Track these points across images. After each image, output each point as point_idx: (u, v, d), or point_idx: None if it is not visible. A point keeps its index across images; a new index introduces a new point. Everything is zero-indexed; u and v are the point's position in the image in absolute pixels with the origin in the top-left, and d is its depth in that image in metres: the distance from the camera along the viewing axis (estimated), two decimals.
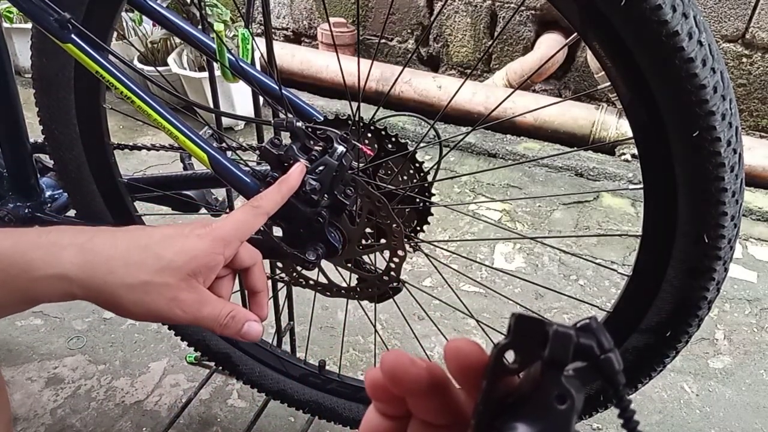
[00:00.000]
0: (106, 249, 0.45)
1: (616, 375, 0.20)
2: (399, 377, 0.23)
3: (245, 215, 0.52)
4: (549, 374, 0.20)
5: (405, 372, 0.23)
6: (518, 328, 0.20)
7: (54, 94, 0.75)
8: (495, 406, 0.21)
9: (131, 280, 0.44)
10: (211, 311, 0.48)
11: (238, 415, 1.13)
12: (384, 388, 0.24)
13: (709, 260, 0.57)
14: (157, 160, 2.01)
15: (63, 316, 1.35)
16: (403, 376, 0.23)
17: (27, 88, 0.80)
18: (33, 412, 1.12)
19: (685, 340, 0.63)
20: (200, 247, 0.48)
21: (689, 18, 0.48)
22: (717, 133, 0.50)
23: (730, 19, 2.07)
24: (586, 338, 0.20)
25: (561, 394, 0.19)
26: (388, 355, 0.23)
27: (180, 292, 0.46)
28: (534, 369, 0.20)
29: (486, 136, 2.20)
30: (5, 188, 0.89)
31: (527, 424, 0.20)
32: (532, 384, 0.20)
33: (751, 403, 1.21)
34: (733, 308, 1.47)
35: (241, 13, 2.50)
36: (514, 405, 0.21)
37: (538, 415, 0.20)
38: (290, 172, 0.59)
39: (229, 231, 0.50)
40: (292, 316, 1.15)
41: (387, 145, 0.69)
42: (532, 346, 0.20)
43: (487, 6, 2.42)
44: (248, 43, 0.82)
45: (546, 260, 1.61)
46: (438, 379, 0.23)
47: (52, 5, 0.62)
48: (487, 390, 0.21)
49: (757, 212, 1.85)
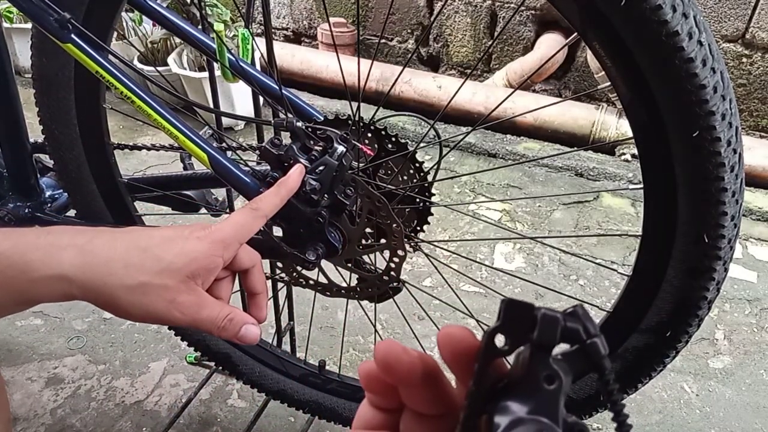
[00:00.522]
0: (106, 250, 0.45)
1: (602, 359, 0.20)
2: (392, 365, 0.23)
3: (244, 218, 0.52)
4: (538, 356, 0.20)
5: (398, 360, 0.23)
6: (508, 313, 0.21)
7: (54, 94, 0.75)
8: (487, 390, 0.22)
9: (130, 282, 0.44)
10: (209, 314, 0.48)
11: (238, 415, 1.13)
12: (377, 378, 0.24)
13: (709, 260, 0.57)
14: (157, 160, 2.01)
15: (63, 316, 1.35)
16: (395, 364, 0.23)
17: (27, 88, 0.80)
18: (33, 412, 1.12)
19: (685, 340, 0.63)
20: (199, 249, 0.48)
21: (689, 18, 0.48)
22: (717, 133, 0.50)
23: (730, 19, 2.07)
24: (573, 323, 0.20)
25: (549, 375, 0.20)
26: (381, 344, 0.24)
27: (179, 294, 0.46)
28: (523, 353, 0.21)
29: (486, 136, 2.20)
30: (5, 188, 0.89)
31: (518, 403, 0.20)
32: (522, 367, 0.21)
33: (751, 403, 1.21)
34: (733, 308, 1.47)
35: (241, 13, 2.50)
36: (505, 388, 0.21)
37: (528, 396, 0.20)
38: (289, 174, 0.59)
39: (228, 233, 0.50)
40: (292, 316, 1.15)
41: (387, 145, 0.69)
42: (521, 330, 0.21)
43: (487, 6, 2.42)
44: (248, 43, 0.82)
45: (546, 260, 1.61)
46: (430, 368, 0.24)
47: (52, 5, 0.62)
48: (479, 372, 0.22)
49: (757, 212, 1.85)
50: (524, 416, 0.20)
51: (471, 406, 0.21)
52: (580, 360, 0.21)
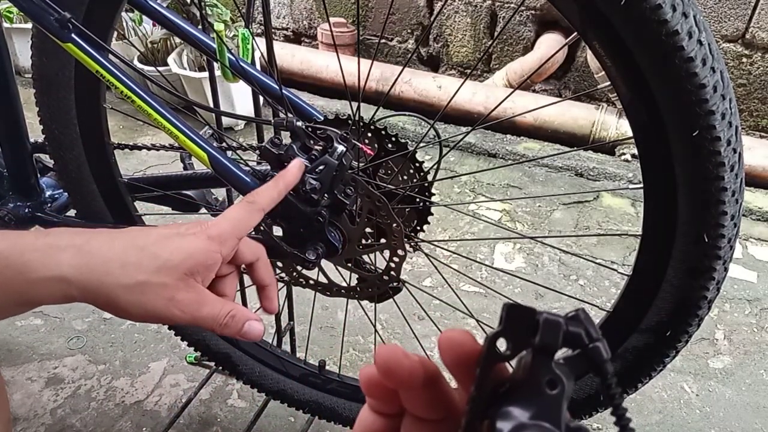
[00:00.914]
0: (103, 250, 0.44)
1: (604, 363, 0.20)
2: (393, 370, 0.23)
3: (240, 212, 0.52)
4: (540, 360, 0.20)
5: (398, 365, 0.23)
6: (509, 317, 0.21)
7: (54, 94, 0.75)
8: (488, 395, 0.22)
9: (128, 281, 0.44)
10: (210, 311, 0.47)
11: (238, 415, 1.13)
12: (378, 383, 0.24)
13: (709, 260, 0.57)
14: (157, 160, 2.01)
15: (63, 316, 1.35)
16: (396, 369, 0.23)
17: (27, 88, 0.80)
18: (33, 412, 1.12)
19: (685, 340, 0.63)
20: (196, 245, 0.47)
21: (689, 17, 0.48)
22: (717, 132, 0.50)
23: (730, 19, 2.07)
24: (575, 327, 0.20)
25: (552, 380, 0.20)
26: (382, 348, 0.24)
27: (177, 292, 0.46)
28: (525, 358, 0.21)
29: (486, 136, 2.20)
30: (5, 188, 0.89)
31: (520, 408, 0.20)
32: (524, 372, 0.21)
33: (751, 403, 1.21)
34: (733, 308, 1.47)
35: (241, 13, 2.50)
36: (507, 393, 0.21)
37: (530, 401, 0.20)
38: (288, 168, 0.59)
39: (224, 229, 0.49)
40: (292, 316, 1.15)
41: (387, 145, 0.69)
42: (523, 334, 0.21)
43: (487, 6, 2.42)
44: (248, 43, 0.82)
45: (546, 260, 1.61)
46: (431, 372, 0.24)
47: (53, 5, 0.62)
48: (481, 377, 0.21)
49: (757, 212, 1.85)
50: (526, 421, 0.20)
51: (473, 411, 0.21)
52: (582, 364, 0.21)
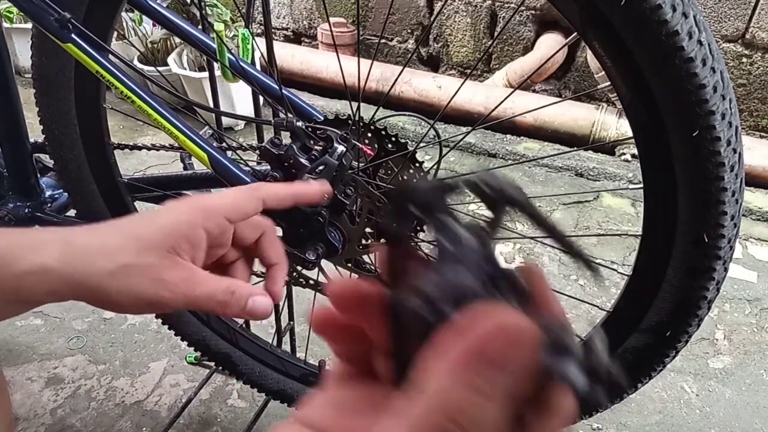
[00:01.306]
0: (85, 238, 0.43)
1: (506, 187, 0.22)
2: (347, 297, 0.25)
3: (238, 193, 0.49)
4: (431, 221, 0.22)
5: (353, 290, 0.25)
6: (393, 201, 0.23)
7: (54, 94, 0.75)
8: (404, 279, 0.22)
9: (111, 266, 0.42)
10: (205, 289, 0.44)
11: (238, 415, 1.13)
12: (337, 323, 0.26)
13: (709, 260, 0.57)
14: (157, 160, 2.01)
15: (63, 316, 1.35)
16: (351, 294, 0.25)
17: (27, 88, 0.80)
18: (33, 412, 1.12)
19: (685, 340, 0.63)
20: (178, 218, 0.44)
21: (689, 17, 0.48)
22: (717, 132, 0.50)
23: (730, 19, 2.07)
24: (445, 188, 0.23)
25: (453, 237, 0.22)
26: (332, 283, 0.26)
27: (164, 271, 0.43)
28: None
29: (486, 136, 2.20)
30: (5, 188, 0.89)
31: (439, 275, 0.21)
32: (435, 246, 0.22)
33: (751, 403, 1.21)
34: (733, 308, 1.47)
35: (241, 13, 2.50)
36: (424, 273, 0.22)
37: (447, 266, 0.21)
38: (312, 182, 0.56)
39: (215, 203, 0.46)
40: (292, 316, 1.15)
41: (387, 145, 0.69)
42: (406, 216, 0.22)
43: (487, 6, 2.42)
44: (248, 43, 0.82)
45: (546, 260, 1.61)
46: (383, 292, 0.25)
47: (53, 5, 0.62)
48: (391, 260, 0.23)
49: (757, 212, 1.85)
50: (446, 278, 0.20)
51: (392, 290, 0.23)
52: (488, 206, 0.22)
